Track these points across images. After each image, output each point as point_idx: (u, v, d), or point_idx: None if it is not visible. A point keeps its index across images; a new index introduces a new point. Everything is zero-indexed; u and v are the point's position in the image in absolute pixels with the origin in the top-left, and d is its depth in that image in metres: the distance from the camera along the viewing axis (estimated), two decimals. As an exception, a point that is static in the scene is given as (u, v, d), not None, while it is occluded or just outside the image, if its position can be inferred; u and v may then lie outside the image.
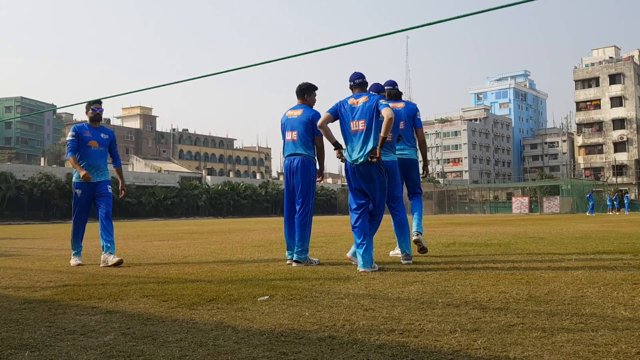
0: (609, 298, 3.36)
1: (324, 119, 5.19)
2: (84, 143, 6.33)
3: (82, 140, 6.33)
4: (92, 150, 6.36)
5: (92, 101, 6.43)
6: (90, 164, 6.34)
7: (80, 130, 6.38)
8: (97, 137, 6.39)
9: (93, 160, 6.37)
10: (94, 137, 6.39)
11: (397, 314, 3.02)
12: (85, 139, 6.34)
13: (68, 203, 47.11)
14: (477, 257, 6.09)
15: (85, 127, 6.40)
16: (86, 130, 6.36)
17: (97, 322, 2.97)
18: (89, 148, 6.34)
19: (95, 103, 6.44)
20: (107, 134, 6.54)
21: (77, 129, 6.38)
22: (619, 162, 69.84)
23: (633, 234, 10.08)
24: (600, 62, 75.74)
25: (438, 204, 60.82)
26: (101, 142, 6.42)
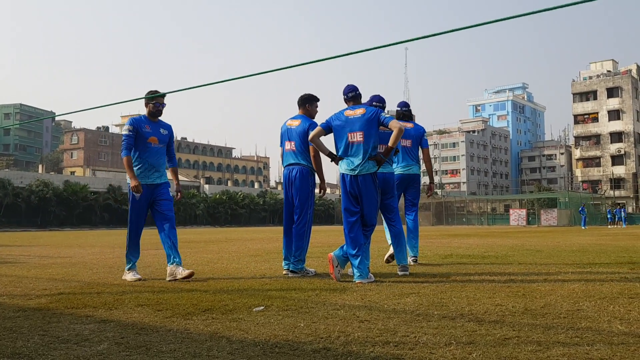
0: (605, 312, 3.35)
1: (315, 133, 5.21)
2: (143, 139, 5.49)
3: (140, 136, 5.49)
4: (153, 148, 5.55)
5: (155, 94, 5.62)
6: (151, 164, 5.54)
7: (139, 124, 5.53)
8: (157, 133, 5.59)
9: (154, 159, 5.56)
10: (154, 132, 5.58)
11: (393, 325, 3.01)
12: (145, 135, 5.50)
13: (66, 210, 47.08)
14: (473, 269, 6.08)
15: (144, 121, 5.58)
16: (145, 125, 5.54)
17: (91, 331, 2.96)
18: (149, 145, 5.52)
19: (159, 97, 5.63)
20: (167, 129, 5.75)
21: (135, 123, 5.53)
22: (617, 175, 69.96)
23: (630, 248, 10.08)
24: (598, 75, 76.11)
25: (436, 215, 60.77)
26: (161, 139, 5.63)
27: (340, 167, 5.15)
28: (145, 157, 5.52)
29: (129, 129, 5.50)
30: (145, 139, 5.51)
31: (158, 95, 5.62)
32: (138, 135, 5.50)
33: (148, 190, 5.55)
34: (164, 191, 5.67)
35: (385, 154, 5.10)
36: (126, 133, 5.51)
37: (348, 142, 5.09)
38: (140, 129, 5.51)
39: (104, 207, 50.61)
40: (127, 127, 5.52)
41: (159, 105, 5.61)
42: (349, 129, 5.08)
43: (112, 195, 51.94)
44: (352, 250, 5.02)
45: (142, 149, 5.51)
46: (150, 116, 5.63)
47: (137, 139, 5.50)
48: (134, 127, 5.50)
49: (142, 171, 5.50)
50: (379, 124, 5.07)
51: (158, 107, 5.62)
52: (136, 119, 5.58)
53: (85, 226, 46.11)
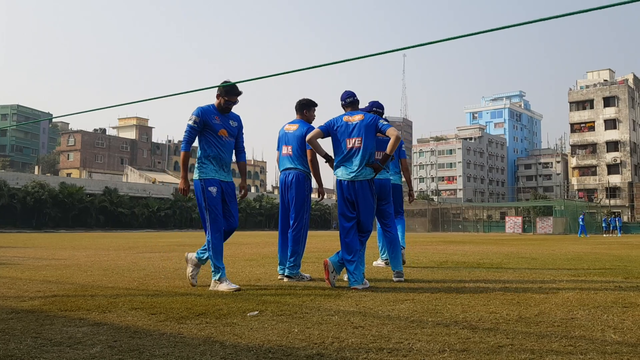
0: (599, 321, 3.35)
1: (313, 134, 5.21)
2: (213, 132, 4.97)
3: (210, 127, 4.96)
4: (224, 142, 5.04)
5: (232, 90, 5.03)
6: (223, 159, 5.03)
7: (208, 115, 4.96)
8: (227, 125, 5.07)
9: (226, 154, 5.06)
10: (224, 124, 5.06)
11: (387, 332, 3.01)
12: (215, 127, 4.98)
13: (61, 212, 46.91)
14: (468, 277, 6.09)
15: (213, 111, 5.02)
16: (214, 116, 5.00)
17: (84, 334, 2.95)
18: (220, 139, 5.00)
19: (234, 94, 5.04)
20: (236, 121, 5.21)
21: (203, 114, 4.94)
22: (612, 184, 70.15)
23: (625, 257, 10.10)
24: (595, 84, 76.39)
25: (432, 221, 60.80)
26: (231, 131, 5.11)
27: (337, 172, 5.16)
28: (217, 152, 4.99)
29: (195, 120, 4.91)
30: (215, 132, 4.97)
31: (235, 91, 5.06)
32: (206, 127, 4.95)
33: (221, 186, 5.00)
34: (232, 190, 5.17)
35: (382, 162, 5.11)
36: (190, 124, 4.92)
37: (346, 148, 5.10)
38: (209, 120, 4.95)
39: (99, 210, 50.48)
40: (193, 118, 4.92)
41: (231, 104, 5.08)
42: (347, 134, 5.09)
43: (107, 198, 51.82)
44: (348, 256, 5.01)
45: (212, 142, 4.98)
46: (220, 109, 5.08)
47: (205, 131, 4.96)
48: (201, 119, 4.92)
49: (213, 167, 4.97)
50: (377, 130, 5.09)
51: (229, 106, 5.08)
52: (204, 109, 4.99)
53: (81, 228, 45.98)
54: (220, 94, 5.01)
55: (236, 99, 5.06)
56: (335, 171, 5.21)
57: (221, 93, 5.00)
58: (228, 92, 5.00)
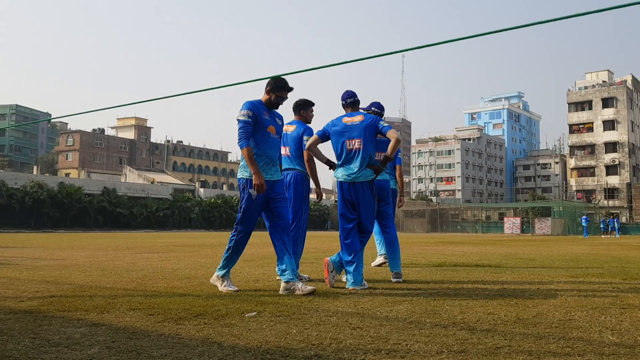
0: (597, 322, 3.36)
1: (312, 141, 5.22)
2: (262, 128, 4.75)
3: (260, 123, 4.74)
4: (272, 139, 4.84)
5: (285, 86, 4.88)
6: (270, 157, 4.83)
7: (258, 110, 4.76)
8: (274, 122, 4.89)
9: (273, 151, 4.87)
10: (272, 120, 4.87)
11: (385, 333, 3.01)
12: (264, 123, 4.77)
13: (59, 212, 46.86)
14: (467, 277, 6.09)
15: (262, 107, 4.82)
16: (264, 111, 4.80)
17: (82, 335, 2.95)
18: (269, 135, 4.80)
19: (286, 90, 4.88)
20: (280, 119, 5.06)
21: (255, 108, 4.74)
22: (611, 185, 70.25)
23: (623, 258, 10.12)
24: (594, 85, 76.49)
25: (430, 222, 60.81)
26: (278, 129, 4.95)
27: (337, 174, 5.15)
28: (265, 149, 4.78)
29: (248, 114, 4.69)
30: (264, 128, 4.77)
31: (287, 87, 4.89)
32: (257, 122, 4.73)
33: (267, 187, 4.78)
34: (281, 190, 4.97)
35: (382, 164, 5.11)
36: (244, 119, 4.68)
37: (346, 149, 5.09)
38: (259, 115, 4.74)
39: (98, 210, 50.45)
40: (246, 112, 4.69)
41: (282, 100, 4.89)
42: (347, 136, 5.09)
43: (106, 198, 51.80)
44: (348, 257, 5.01)
45: (261, 139, 4.76)
46: (267, 104, 4.88)
47: (256, 127, 4.74)
48: (254, 113, 4.71)
49: (260, 165, 4.75)
50: (377, 131, 5.08)
51: (280, 102, 4.90)
52: (255, 104, 4.77)
53: (79, 228, 45.94)
54: (272, 90, 4.84)
55: (287, 95, 4.92)
56: (335, 172, 5.21)
57: (273, 88, 4.84)
58: (281, 88, 4.84)
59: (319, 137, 5.22)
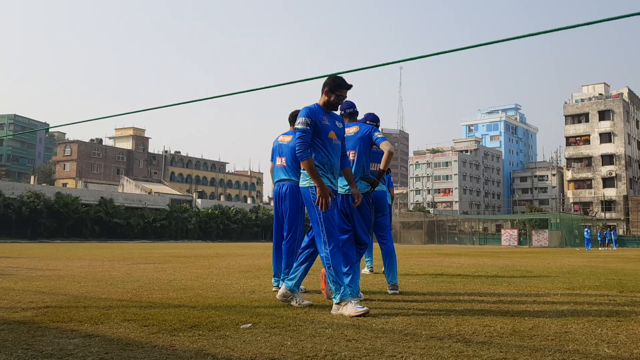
0: (593, 335, 3.35)
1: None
2: (324, 134, 4.36)
3: (321, 129, 4.35)
4: (334, 145, 4.46)
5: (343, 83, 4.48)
6: (334, 166, 4.46)
7: (317, 115, 4.37)
8: (334, 126, 4.50)
9: (336, 159, 4.48)
10: (332, 125, 4.48)
11: (380, 345, 3.00)
12: (325, 129, 4.38)
13: (56, 222, 46.73)
14: (463, 289, 6.07)
15: (320, 112, 4.43)
16: (323, 116, 4.42)
17: (75, 346, 2.93)
18: (330, 142, 4.41)
19: (345, 88, 4.48)
20: (341, 122, 4.67)
21: (313, 114, 4.36)
22: (608, 197, 70.38)
23: (620, 270, 10.11)
24: (590, 98, 76.89)
25: (428, 233, 60.79)
26: (339, 134, 4.54)
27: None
28: (327, 158, 4.41)
29: (307, 122, 4.28)
30: (326, 134, 4.38)
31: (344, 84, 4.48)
32: (317, 130, 4.35)
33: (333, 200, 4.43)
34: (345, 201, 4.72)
35: (377, 177, 5.11)
36: (303, 127, 4.28)
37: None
38: (319, 121, 4.35)
39: (95, 220, 50.35)
40: (304, 120, 4.29)
41: (341, 100, 4.52)
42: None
43: (103, 208, 51.72)
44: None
45: (321, 146, 4.37)
46: (326, 107, 4.49)
47: (317, 134, 4.36)
48: (312, 120, 4.32)
49: (323, 174, 4.38)
50: (372, 142, 5.08)
51: (340, 102, 4.51)
52: (313, 109, 4.40)
53: (76, 238, 45.79)
54: (331, 89, 4.43)
55: (346, 93, 4.55)
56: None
57: (331, 88, 4.43)
58: (340, 86, 4.44)
59: None
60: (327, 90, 4.45)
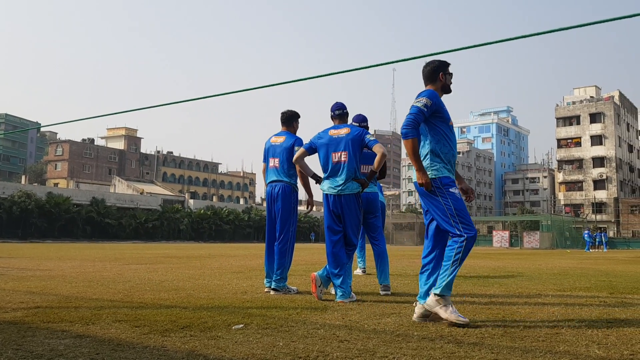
0: (584, 336, 3.37)
1: (299, 154, 5.22)
2: (446, 121, 4.05)
3: (443, 116, 4.03)
4: (454, 134, 4.18)
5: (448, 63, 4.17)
6: (455, 157, 4.13)
7: (439, 100, 4.02)
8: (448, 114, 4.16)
9: (456, 150, 4.16)
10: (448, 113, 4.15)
11: (372, 346, 3.00)
12: (447, 116, 4.07)
13: (47, 222, 46.46)
14: (455, 291, 6.08)
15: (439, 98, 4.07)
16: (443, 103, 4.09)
17: (66, 347, 2.91)
18: (452, 131, 4.12)
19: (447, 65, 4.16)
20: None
21: (437, 98, 3.98)
22: (599, 199, 70.80)
23: (610, 272, 10.17)
24: (582, 101, 77.34)
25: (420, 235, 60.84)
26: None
27: (323, 186, 5.15)
28: (449, 148, 4.03)
29: (428, 104, 3.89)
30: (447, 121, 4.05)
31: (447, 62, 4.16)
32: (437, 116, 3.97)
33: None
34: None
35: (368, 177, 5.11)
36: (420, 107, 3.87)
37: (331, 162, 5.09)
38: (441, 106, 3.99)
39: (86, 220, 50.12)
40: (426, 101, 3.89)
41: (451, 79, 4.18)
42: (333, 148, 5.09)
43: (95, 208, 51.48)
44: (335, 269, 5.00)
45: (443, 134, 4.00)
46: (443, 92, 4.14)
47: (435, 120, 3.98)
48: (435, 104, 3.93)
49: (445, 167, 3.99)
50: (363, 145, 5.08)
51: (451, 81, 4.18)
52: (436, 94, 4.01)
53: (67, 239, 45.56)
54: (444, 71, 4.12)
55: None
56: (321, 185, 5.20)
57: (444, 69, 4.13)
58: (448, 65, 4.15)
59: (306, 150, 5.22)
60: (441, 73, 4.11)
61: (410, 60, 4.61)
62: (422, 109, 3.86)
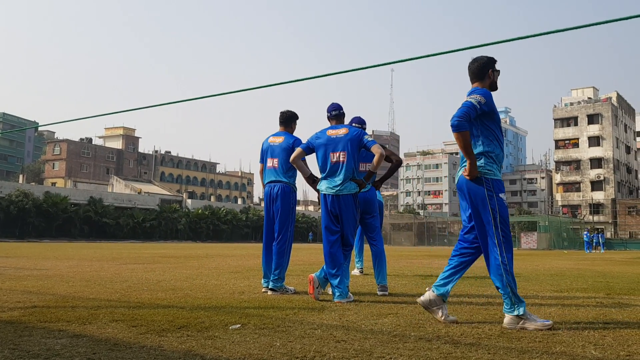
0: (580, 337, 3.37)
1: (296, 154, 5.21)
2: (499, 123, 3.99)
3: (497, 118, 3.97)
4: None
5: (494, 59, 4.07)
6: (503, 159, 4.09)
7: (493, 101, 3.93)
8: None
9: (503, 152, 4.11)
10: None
11: (369, 346, 3.00)
12: (499, 118, 4.00)
13: (45, 222, 46.36)
14: (452, 291, 6.07)
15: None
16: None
17: (62, 346, 2.91)
18: (502, 131, 4.08)
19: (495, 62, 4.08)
20: None
21: (491, 97, 3.91)
22: (596, 200, 70.87)
23: (607, 273, 10.18)
24: (579, 102, 77.39)
25: (417, 235, 60.95)
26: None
27: (321, 186, 5.15)
28: (500, 150, 3.96)
29: (482, 102, 3.80)
30: (499, 123, 3.97)
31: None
32: (490, 117, 3.90)
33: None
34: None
35: (366, 178, 5.14)
36: (474, 103, 3.78)
37: (330, 162, 5.09)
38: (494, 107, 3.92)
39: (84, 220, 50.04)
40: (481, 99, 3.80)
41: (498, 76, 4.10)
42: (332, 148, 5.09)
43: (92, 208, 51.40)
44: (332, 270, 5.00)
45: (495, 136, 3.93)
46: (490, 89, 4.03)
47: (488, 121, 3.90)
48: (488, 102, 3.85)
49: (498, 169, 3.96)
50: (361, 145, 5.09)
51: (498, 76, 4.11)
52: (490, 94, 3.92)
53: (64, 238, 45.49)
54: (492, 67, 4.04)
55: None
56: (319, 185, 5.20)
57: (490, 65, 4.05)
58: (495, 62, 4.08)
59: (304, 150, 5.22)
60: (490, 70, 4.02)
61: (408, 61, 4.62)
62: (475, 105, 3.77)
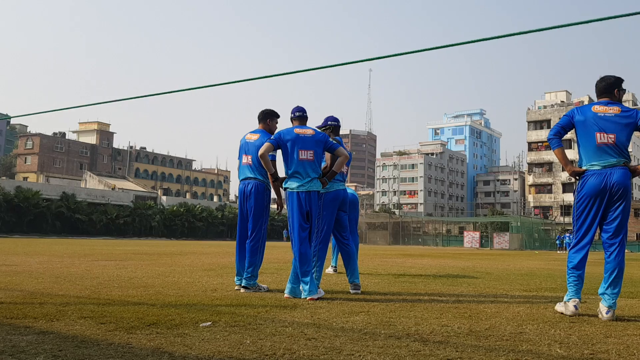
0: (546, 335, 3.43)
1: (265, 148, 5.16)
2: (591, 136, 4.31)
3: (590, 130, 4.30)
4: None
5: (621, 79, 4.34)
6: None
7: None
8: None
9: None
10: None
11: (339, 344, 3.02)
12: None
13: (16, 217, 45.48)
14: (424, 289, 6.15)
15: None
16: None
17: (28, 343, 2.86)
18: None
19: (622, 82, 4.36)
20: None
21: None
22: (567, 202, 72.12)
23: (576, 273, 10.37)
24: (553, 105, 78.75)
25: (392, 234, 61.34)
26: None
27: (291, 184, 5.16)
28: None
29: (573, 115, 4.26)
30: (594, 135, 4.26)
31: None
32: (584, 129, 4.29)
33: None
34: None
35: (329, 177, 5.24)
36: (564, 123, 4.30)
37: (298, 158, 5.13)
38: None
39: (56, 215, 49.21)
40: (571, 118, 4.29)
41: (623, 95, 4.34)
42: (301, 145, 5.14)
43: (65, 203, 50.58)
44: (303, 267, 5.02)
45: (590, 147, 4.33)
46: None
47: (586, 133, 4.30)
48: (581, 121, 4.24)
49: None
50: (325, 148, 5.23)
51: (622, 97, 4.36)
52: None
53: (36, 234, 44.68)
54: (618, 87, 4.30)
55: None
56: (286, 183, 5.21)
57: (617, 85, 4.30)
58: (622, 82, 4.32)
59: (272, 144, 5.19)
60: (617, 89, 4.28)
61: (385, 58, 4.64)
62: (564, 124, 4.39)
